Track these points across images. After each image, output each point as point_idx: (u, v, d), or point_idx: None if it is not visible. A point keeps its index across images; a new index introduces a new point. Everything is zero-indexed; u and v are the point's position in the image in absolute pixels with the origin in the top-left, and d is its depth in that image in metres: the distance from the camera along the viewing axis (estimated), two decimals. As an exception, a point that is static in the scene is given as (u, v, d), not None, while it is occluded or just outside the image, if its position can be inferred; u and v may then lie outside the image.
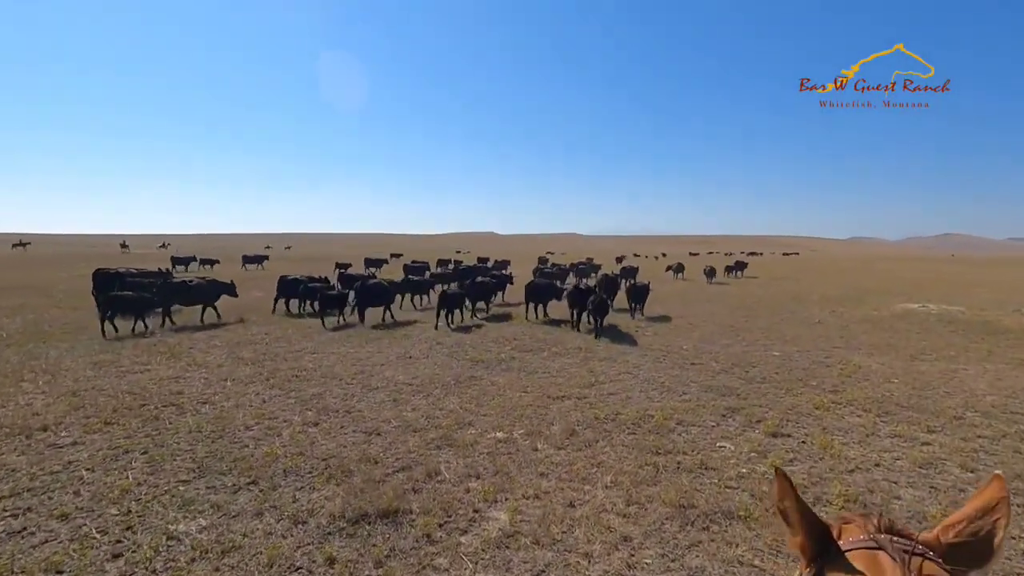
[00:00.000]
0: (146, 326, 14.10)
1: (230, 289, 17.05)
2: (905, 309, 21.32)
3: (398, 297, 18.84)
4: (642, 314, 18.35)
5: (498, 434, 6.99)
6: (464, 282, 18.82)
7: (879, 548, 0.98)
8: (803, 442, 6.97)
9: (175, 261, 40.23)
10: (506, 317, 17.77)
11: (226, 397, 8.42)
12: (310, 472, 5.83)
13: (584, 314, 15.08)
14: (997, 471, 1.11)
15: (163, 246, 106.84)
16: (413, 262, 36.77)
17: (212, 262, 43.07)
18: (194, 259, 43.37)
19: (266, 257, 46.50)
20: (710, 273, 34.86)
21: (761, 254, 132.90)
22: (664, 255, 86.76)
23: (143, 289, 15.68)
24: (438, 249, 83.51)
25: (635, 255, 79.22)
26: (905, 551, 0.95)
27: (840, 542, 1.05)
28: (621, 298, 20.31)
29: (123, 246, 77.38)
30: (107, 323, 13.27)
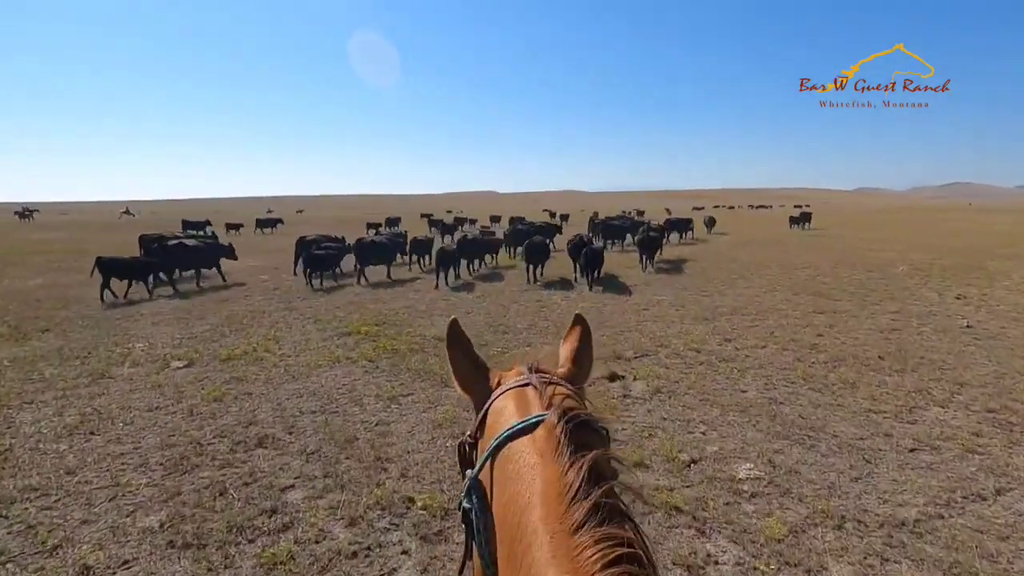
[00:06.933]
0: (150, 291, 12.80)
1: (229, 252, 16.04)
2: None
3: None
4: (652, 267, 16.70)
5: None
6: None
7: (528, 384, 1.12)
8: None
9: (186, 225, 36.36)
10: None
11: None
12: None
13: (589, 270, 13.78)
14: (577, 311, 1.43)
15: (126, 212, 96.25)
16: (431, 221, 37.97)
17: (236, 227, 39.58)
18: (208, 223, 39.04)
19: (280, 220, 44.34)
20: (709, 223, 33.49)
21: (771, 207, 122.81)
22: (669, 211, 76.84)
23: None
24: (434, 210, 74.36)
25: (639, 212, 69.75)
26: (544, 382, 1.11)
27: (501, 385, 1.18)
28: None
29: (23, 214, 65.96)
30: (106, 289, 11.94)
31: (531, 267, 14.85)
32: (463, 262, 15.95)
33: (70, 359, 7.63)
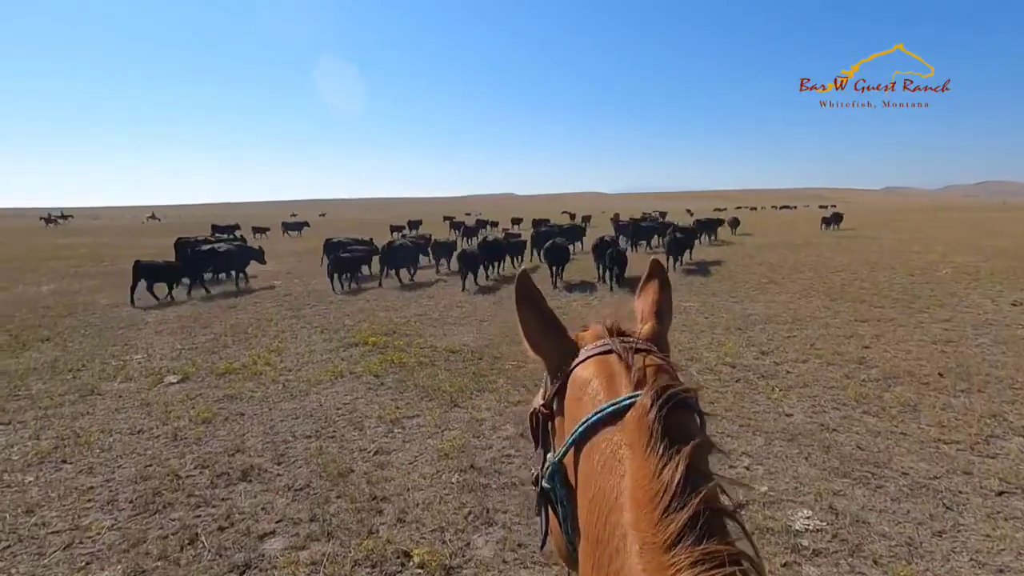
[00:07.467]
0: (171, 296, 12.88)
1: (258, 255, 16.41)
2: None
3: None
4: (678, 270, 16.17)
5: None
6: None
7: (610, 350, 0.99)
8: None
9: (215, 229, 37.42)
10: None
11: None
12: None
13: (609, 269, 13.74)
14: (654, 257, 1.33)
15: (152, 217, 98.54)
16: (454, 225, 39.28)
17: (263, 230, 40.86)
18: (237, 227, 40.12)
19: (306, 223, 45.14)
20: (733, 224, 33.23)
21: (795, 207, 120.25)
22: (691, 212, 75.37)
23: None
24: (454, 212, 74.46)
25: (661, 213, 68.79)
26: (629, 348, 0.98)
27: (579, 351, 1.04)
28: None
29: (49, 219, 68.13)
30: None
31: (552, 269, 14.66)
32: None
33: (62, 372, 7.24)
